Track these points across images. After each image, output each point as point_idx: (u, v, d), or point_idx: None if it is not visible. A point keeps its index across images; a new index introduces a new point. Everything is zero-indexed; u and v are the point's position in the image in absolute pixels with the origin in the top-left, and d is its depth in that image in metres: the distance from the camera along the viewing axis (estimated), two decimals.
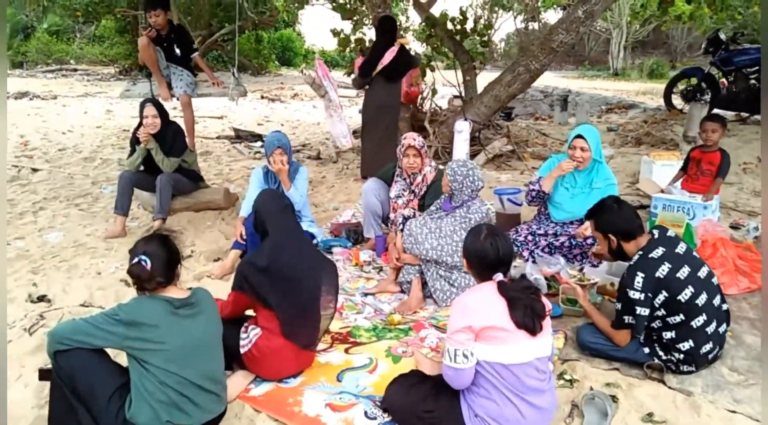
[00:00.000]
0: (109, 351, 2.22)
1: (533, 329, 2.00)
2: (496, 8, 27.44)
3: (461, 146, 5.99)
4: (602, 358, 2.78)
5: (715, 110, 7.68)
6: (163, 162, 4.54)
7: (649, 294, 2.55)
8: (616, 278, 3.39)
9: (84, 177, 6.27)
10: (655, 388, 2.58)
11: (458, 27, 7.54)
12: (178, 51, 5.28)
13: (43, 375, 2.31)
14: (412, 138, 3.94)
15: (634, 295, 2.55)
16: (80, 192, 5.71)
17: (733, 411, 2.41)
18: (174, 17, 5.45)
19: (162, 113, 4.54)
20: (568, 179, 3.87)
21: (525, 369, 2.02)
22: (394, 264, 3.50)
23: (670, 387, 2.57)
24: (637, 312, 2.56)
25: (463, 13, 7.60)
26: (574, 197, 3.84)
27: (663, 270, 2.53)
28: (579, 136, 3.73)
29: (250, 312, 2.76)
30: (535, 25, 30.78)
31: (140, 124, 4.52)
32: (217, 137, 8.79)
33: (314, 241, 3.94)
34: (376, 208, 4.16)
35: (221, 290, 3.18)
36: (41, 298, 3.52)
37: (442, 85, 7.72)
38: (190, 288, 2.35)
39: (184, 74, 5.31)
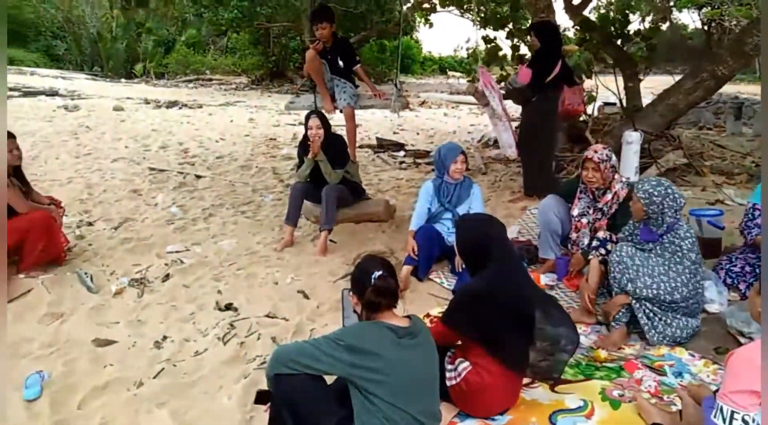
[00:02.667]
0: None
1: None
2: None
3: (631, 159, 5.52)
4: None
5: None
6: (330, 174, 4.56)
7: None
8: None
9: (244, 185, 6.52)
10: None
11: (619, 31, 7.01)
12: (341, 63, 5.33)
13: (261, 397, 2.27)
14: (593, 150, 3.64)
15: None
16: (244, 200, 5.93)
17: None
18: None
19: (325, 124, 4.57)
20: None
21: None
22: (590, 299, 3.21)
23: None
24: None
25: (625, 15, 7.07)
26: None
27: None
28: None
29: None
30: (665, 26, 28.63)
31: (306, 135, 4.58)
32: (359, 147, 8.86)
33: None
34: (555, 226, 3.88)
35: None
36: (228, 306, 3.61)
37: (597, 92, 7.25)
38: (407, 316, 2.23)
39: (347, 86, 5.34)
